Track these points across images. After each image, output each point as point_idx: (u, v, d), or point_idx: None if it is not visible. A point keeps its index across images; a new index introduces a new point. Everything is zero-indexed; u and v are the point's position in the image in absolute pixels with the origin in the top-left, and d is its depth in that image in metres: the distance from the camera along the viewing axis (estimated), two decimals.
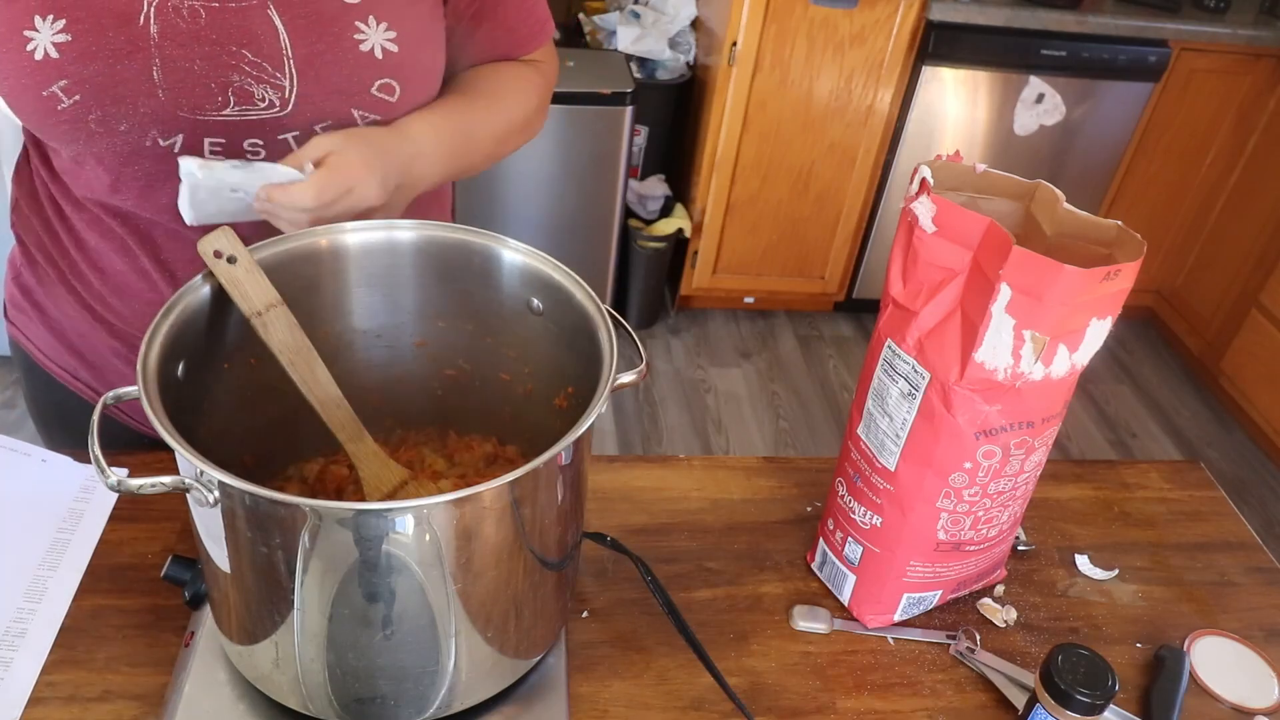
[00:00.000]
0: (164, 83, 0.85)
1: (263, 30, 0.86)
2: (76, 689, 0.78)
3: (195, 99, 0.86)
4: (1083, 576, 1.00)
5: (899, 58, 2.66)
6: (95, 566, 0.88)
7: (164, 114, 0.86)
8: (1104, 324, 0.75)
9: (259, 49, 0.86)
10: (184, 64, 0.85)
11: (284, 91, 0.88)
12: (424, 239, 0.83)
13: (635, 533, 0.98)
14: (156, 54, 0.84)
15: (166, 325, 0.69)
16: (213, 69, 0.86)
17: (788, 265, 3.03)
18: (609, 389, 0.69)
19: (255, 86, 0.87)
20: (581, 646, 0.86)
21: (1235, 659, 0.93)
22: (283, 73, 0.87)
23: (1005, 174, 0.83)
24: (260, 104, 0.88)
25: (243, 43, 0.86)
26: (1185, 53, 2.76)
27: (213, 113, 0.87)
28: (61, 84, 0.83)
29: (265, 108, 0.88)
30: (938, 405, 0.78)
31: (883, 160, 2.85)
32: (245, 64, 0.86)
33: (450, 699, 0.73)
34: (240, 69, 0.86)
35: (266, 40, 0.86)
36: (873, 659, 0.89)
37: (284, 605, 0.66)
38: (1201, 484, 1.14)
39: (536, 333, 0.83)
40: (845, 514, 0.90)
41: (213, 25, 0.85)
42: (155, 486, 0.61)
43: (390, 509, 0.62)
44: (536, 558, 0.72)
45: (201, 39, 0.85)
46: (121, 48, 0.83)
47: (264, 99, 0.87)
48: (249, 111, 0.88)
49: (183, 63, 0.85)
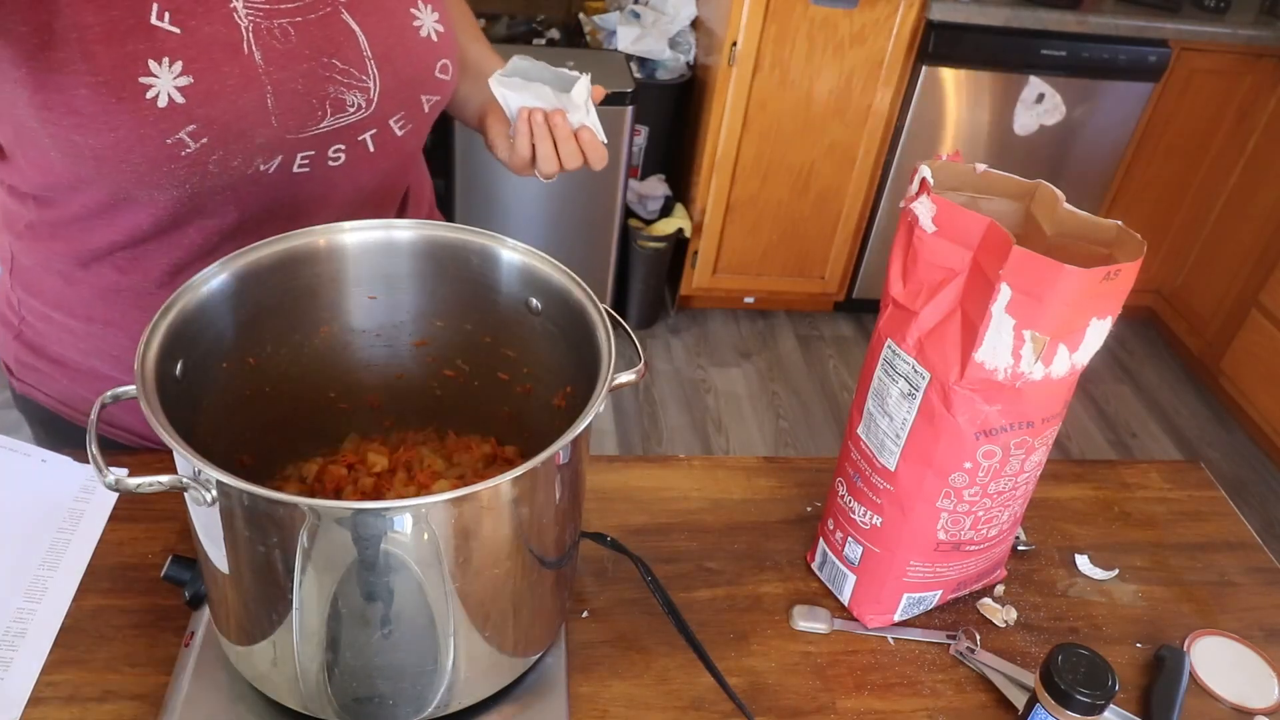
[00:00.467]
0: (276, 109, 0.84)
1: (344, 35, 0.86)
2: (76, 689, 0.78)
3: (300, 119, 0.85)
4: (1083, 576, 1.00)
5: (899, 58, 2.66)
6: (95, 566, 0.88)
7: (273, 140, 0.85)
8: (1104, 324, 0.75)
9: (345, 55, 0.86)
10: (290, 85, 0.84)
11: (369, 92, 0.89)
12: (423, 239, 0.83)
13: (635, 533, 0.98)
14: (267, 81, 0.83)
15: (165, 325, 0.69)
16: (312, 85, 0.85)
17: (788, 265, 3.03)
18: (607, 388, 0.69)
19: (347, 94, 0.87)
20: (581, 646, 0.86)
21: (1235, 659, 0.93)
22: (367, 74, 0.88)
23: (1005, 174, 0.83)
24: (351, 109, 0.88)
25: (332, 52, 0.86)
26: (1185, 53, 2.76)
27: (312, 129, 0.86)
28: (190, 129, 0.79)
29: (354, 112, 0.88)
30: (938, 405, 0.78)
31: (883, 160, 2.85)
32: (337, 73, 0.86)
33: (449, 698, 0.73)
34: (334, 79, 0.86)
35: (349, 45, 0.86)
36: (873, 659, 0.88)
37: (282, 605, 0.66)
38: (1201, 484, 1.14)
39: (535, 333, 0.83)
40: (845, 514, 0.90)
41: (303, 40, 0.84)
42: (153, 485, 0.61)
43: (389, 508, 0.62)
44: (535, 557, 0.72)
45: (298, 56, 0.84)
46: (238, 81, 0.81)
47: (354, 104, 0.88)
48: (341, 119, 0.88)
49: (289, 84, 0.84)
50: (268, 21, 0.82)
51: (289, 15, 0.83)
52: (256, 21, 0.82)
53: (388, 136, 0.93)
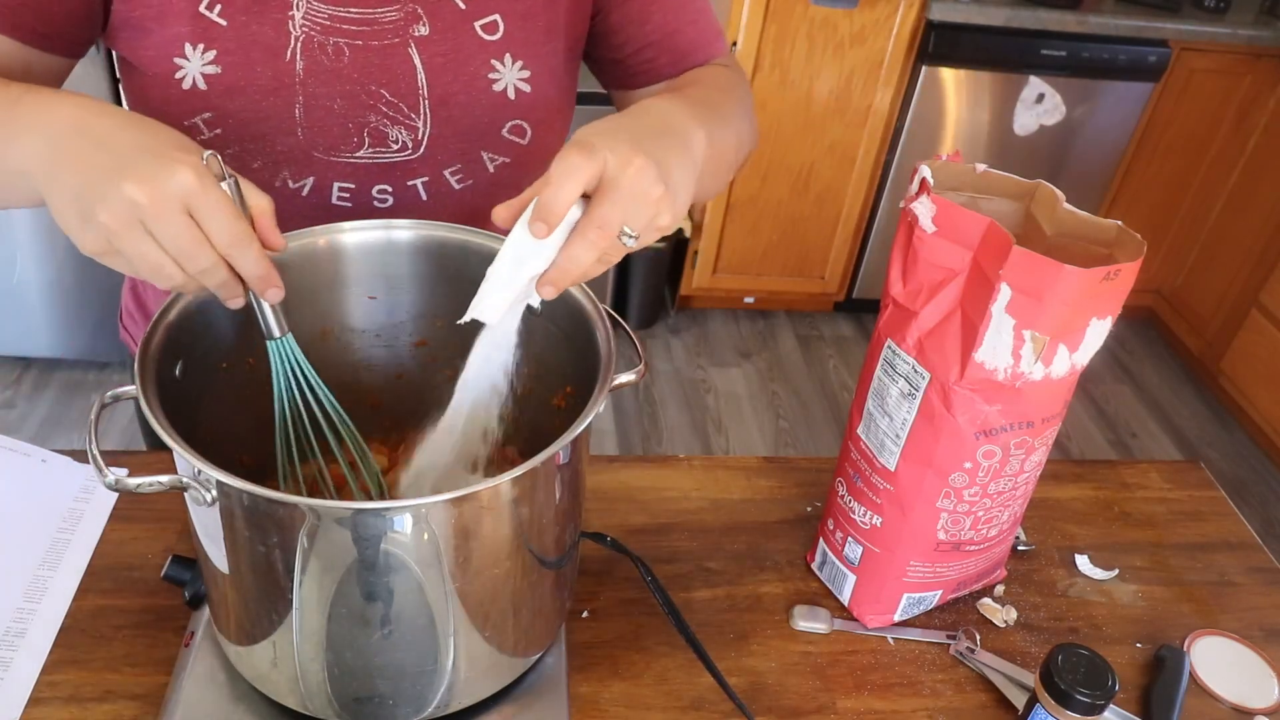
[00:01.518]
0: (304, 121, 0.83)
1: (402, 69, 0.85)
2: (76, 689, 0.78)
3: (332, 139, 0.85)
4: (1083, 576, 1.00)
5: (899, 58, 2.66)
6: (95, 566, 0.88)
7: (299, 154, 0.84)
8: (1104, 324, 0.75)
9: (397, 88, 0.85)
10: (325, 102, 0.83)
11: (417, 133, 0.86)
12: (422, 239, 0.83)
13: (635, 533, 0.98)
14: (300, 91, 0.82)
15: (165, 324, 0.69)
16: (351, 108, 0.84)
17: (788, 265, 3.03)
18: (607, 388, 0.69)
19: (390, 128, 0.85)
20: (581, 646, 0.86)
21: (1235, 659, 0.92)
22: (417, 113, 0.86)
23: (1005, 174, 0.83)
24: (394, 145, 0.86)
25: (383, 82, 0.84)
26: (1185, 53, 2.76)
27: (346, 154, 0.86)
28: (205, 116, 0.81)
29: (398, 149, 0.87)
30: (938, 405, 0.78)
31: (883, 160, 2.85)
32: (383, 104, 0.85)
33: (449, 698, 0.73)
34: (378, 109, 0.85)
35: (405, 79, 0.85)
36: (873, 659, 0.88)
37: (282, 605, 0.66)
38: (1201, 484, 1.14)
39: (535, 333, 0.83)
40: (845, 514, 0.90)
41: (355, 63, 0.83)
42: (153, 485, 0.61)
43: (388, 508, 0.62)
44: (535, 557, 0.71)
45: (343, 77, 0.83)
46: (268, 83, 0.81)
47: (398, 140, 0.86)
48: (381, 154, 0.86)
49: (324, 101, 0.83)
50: (323, 36, 0.82)
51: (349, 36, 0.83)
52: (310, 34, 0.82)
53: (443, 188, 0.90)
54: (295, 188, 0.86)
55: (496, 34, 0.87)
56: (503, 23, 0.87)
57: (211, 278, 0.60)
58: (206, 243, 0.58)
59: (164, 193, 0.56)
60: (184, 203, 0.57)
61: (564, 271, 0.64)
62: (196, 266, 0.59)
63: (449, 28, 0.85)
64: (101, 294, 2.42)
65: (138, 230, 0.57)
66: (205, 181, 0.57)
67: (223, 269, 0.60)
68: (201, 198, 0.57)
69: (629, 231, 0.63)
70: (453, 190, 0.91)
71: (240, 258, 0.60)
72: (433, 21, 0.85)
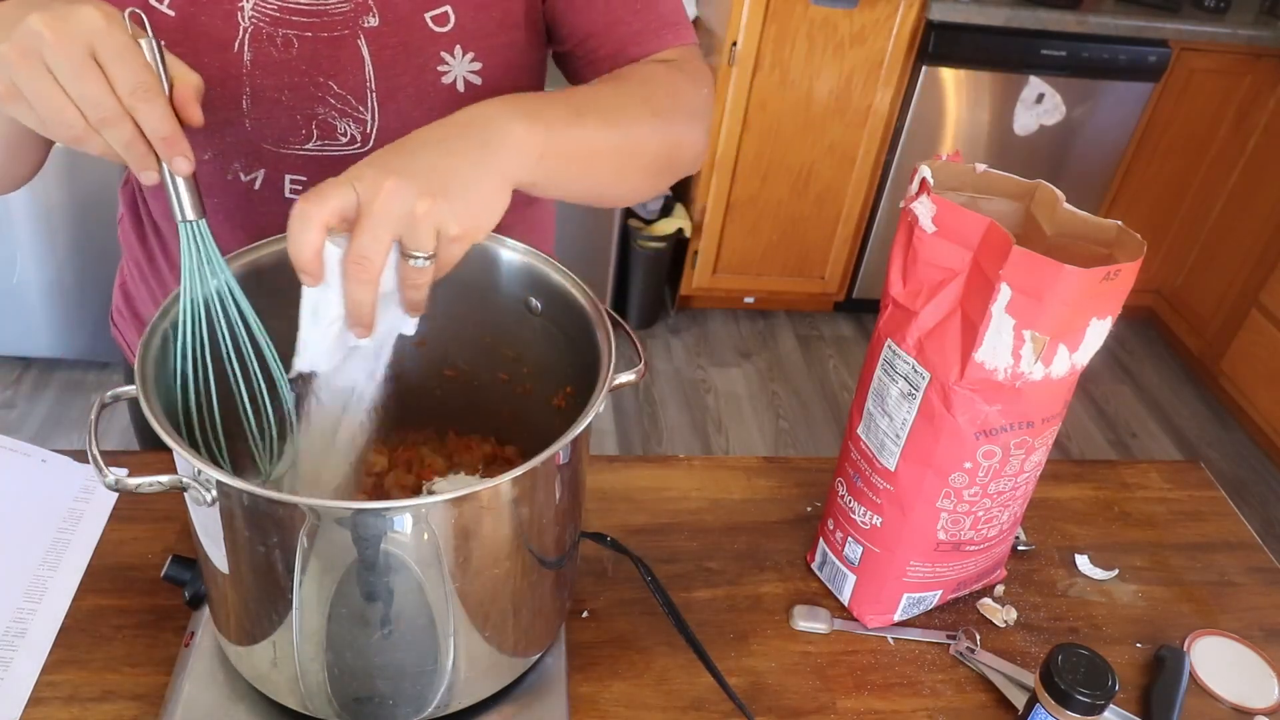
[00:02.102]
0: (251, 112, 0.83)
1: (350, 61, 0.84)
2: (76, 689, 0.78)
3: (280, 130, 0.84)
4: (1083, 576, 1.00)
5: (899, 58, 2.66)
6: (95, 566, 0.88)
7: (248, 146, 0.84)
8: (1104, 324, 0.75)
9: (344, 81, 0.84)
10: (272, 94, 0.83)
11: (365, 126, 0.86)
12: None
13: (635, 533, 0.98)
14: (247, 82, 0.82)
15: (164, 325, 0.69)
16: (299, 100, 0.84)
17: (788, 265, 3.03)
18: (607, 388, 0.69)
19: (339, 120, 0.85)
20: (581, 646, 0.86)
21: (1235, 659, 0.92)
22: (365, 106, 0.85)
23: (1005, 174, 0.83)
24: (342, 139, 0.86)
25: (331, 74, 0.84)
26: (1185, 53, 2.76)
27: (296, 146, 0.85)
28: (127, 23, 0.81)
29: (346, 143, 0.86)
30: (938, 405, 0.78)
31: (883, 160, 2.85)
32: (330, 95, 0.84)
33: (449, 698, 0.73)
34: (325, 101, 0.84)
35: (352, 71, 0.84)
36: (873, 659, 0.88)
37: (282, 605, 0.66)
38: (1201, 484, 1.14)
39: (535, 333, 0.83)
40: (845, 514, 0.90)
41: (304, 55, 0.83)
42: (153, 485, 0.61)
43: (389, 508, 0.62)
44: (535, 557, 0.72)
45: (291, 68, 0.83)
46: (214, 74, 0.81)
47: (346, 134, 0.85)
48: (330, 146, 0.86)
49: (271, 93, 0.83)
50: (271, 28, 0.82)
51: (299, 28, 0.82)
52: (259, 25, 0.81)
53: None
54: (247, 180, 0.86)
55: (447, 25, 0.85)
56: (454, 14, 0.85)
57: (115, 133, 0.58)
58: (109, 87, 0.57)
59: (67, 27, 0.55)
60: (88, 41, 0.56)
61: (354, 312, 0.62)
62: (97, 114, 0.57)
63: (399, 19, 0.84)
64: (101, 294, 2.40)
65: (38, 64, 0.56)
66: (114, 25, 0.57)
67: (127, 124, 0.58)
68: (107, 38, 0.56)
69: (414, 253, 0.61)
70: None
71: (144, 110, 0.58)
72: (383, 13, 0.83)
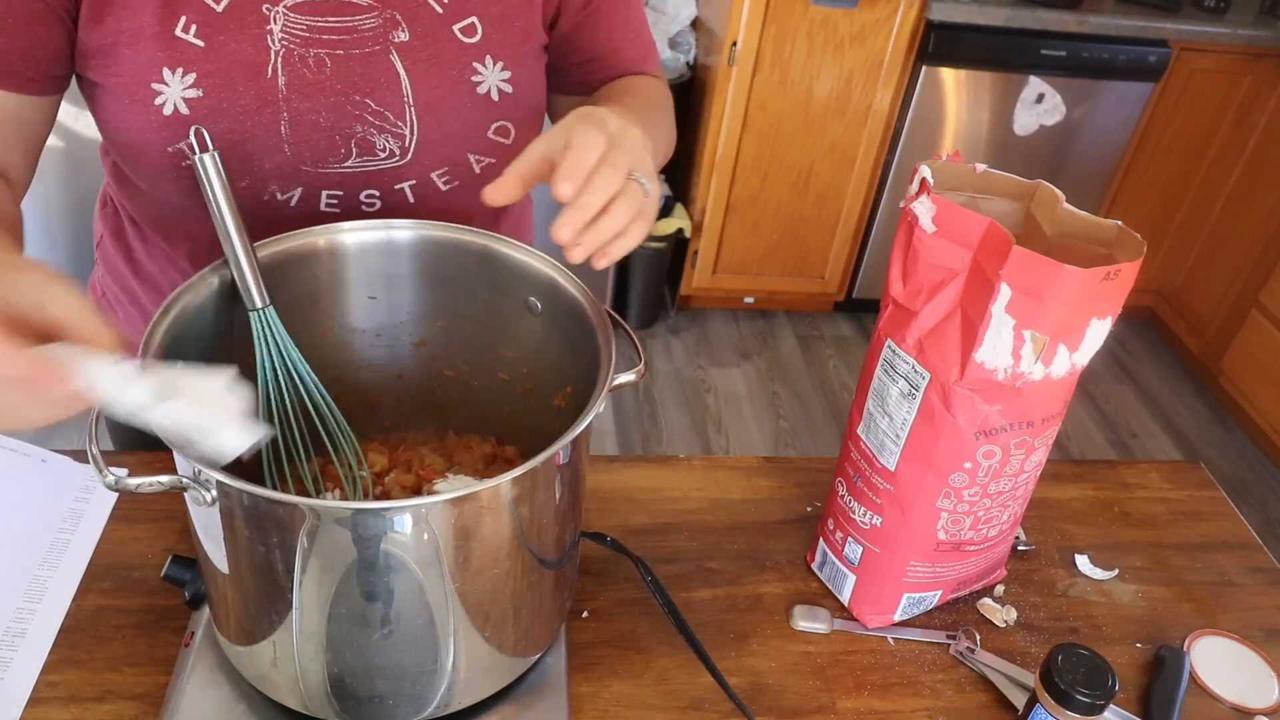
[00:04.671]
0: (289, 137, 0.83)
1: (385, 76, 0.84)
2: (76, 689, 0.78)
3: (318, 152, 0.84)
4: (1083, 576, 1.00)
5: (899, 58, 2.66)
6: (95, 566, 0.88)
7: (287, 169, 0.84)
8: (1104, 324, 0.75)
9: (382, 97, 0.85)
10: (310, 116, 0.83)
11: (405, 139, 0.86)
12: (422, 239, 0.83)
13: (635, 533, 0.98)
14: (285, 107, 0.82)
15: (165, 325, 0.69)
16: (336, 120, 0.84)
17: (788, 265, 3.03)
18: (607, 388, 0.69)
19: (377, 136, 0.85)
20: (581, 646, 0.86)
21: (1235, 659, 0.93)
22: (404, 120, 0.86)
23: (1005, 174, 0.83)
24: (381, 154, 0.86)
25: (367, 91, 0.84)
26: (1185, 53, 2.76)
27: (334, 165, 0.85)
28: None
29: (385, 157, 0.87)
30: (938, 405, 0.78)
31: (883, 160, 2.85)
32: (368, 113, 0.85)
33: (449, 698, 0.73)
34: (364, 119, 0.85)
35: (389, 87, 0.84)
36: (873, 659, 0.88)
37: (282, 605, 0.66)
38: (1201, 484, 1.14)
39: (535, 333, 0.83)
40: (845, 514, 0.90)
41: (338, 74, 0.83)
42: (153, 486, 0.61)
43: (389, 508, 0.62)
44: (535, 557, 0.72)
45: (326, 89, 0.83)
46: (250, 103, 0.81)
47: (385, 148, 0.86)
48: (369, 162, 0.86)
49: (309, 115, 0.83)
50: (303, 49, 0.82)
51: (329, 46, 0.82)
52: (290, 48, 0.81)
53: (430, 191, 0.90)
54: (283, 199, 0.86)
55: (475, 36, 0.86)
56: (480, 25, 0.86)
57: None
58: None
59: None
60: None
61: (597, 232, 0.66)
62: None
63: (428, 32, 0.85)
64: None
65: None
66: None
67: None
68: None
69: (640, 179, 0.66)
70: (439, 192, 0.91)
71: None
72: (411, 26, 0.84)
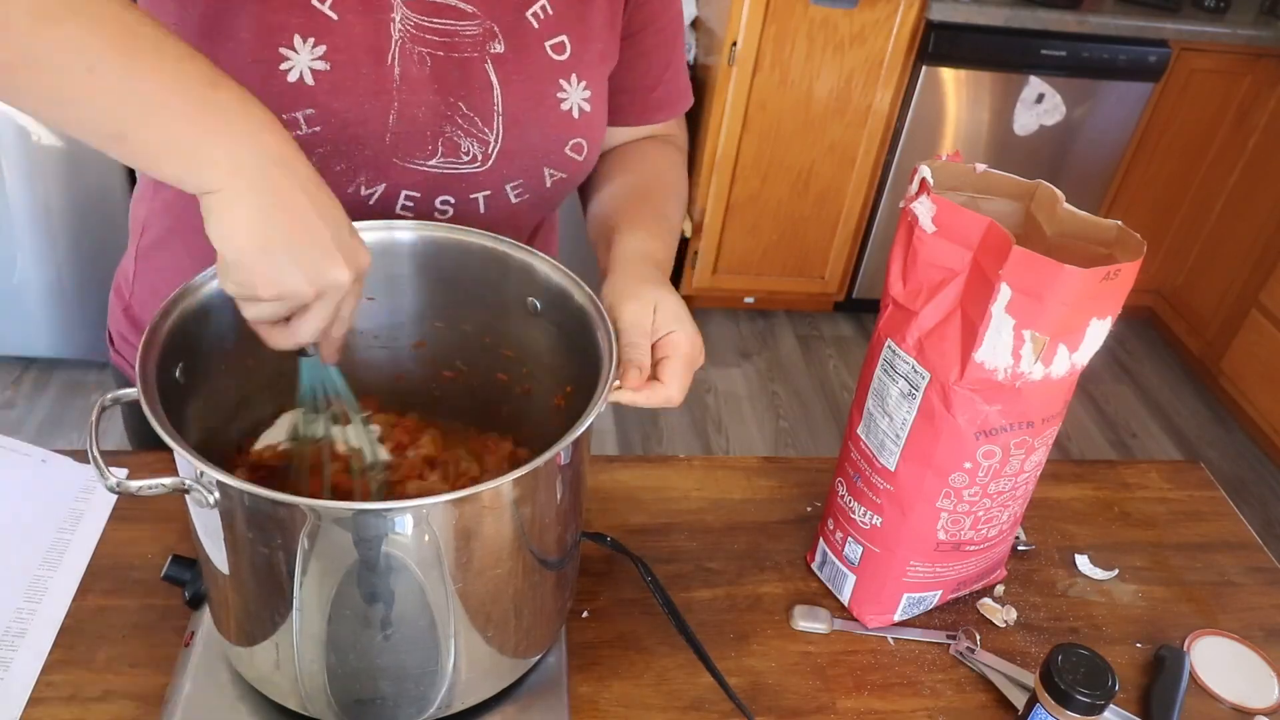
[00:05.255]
0: (394, 127, 0.83)
1: (479, 83, 0.86)
2: (76, 689, 0.78)
3: (412, 146, 0.85)
4: (1083, 576, 1.00)
5: (899, 58, 2.66)
6: (95, 566, 0.88)
7: (381, 160, 0.84)
8: (1104, 324, 0.75)
9: (474, 103, 0.86)
10: (412, 110, 0.84)
11: (489, 147, 0.87)
12: (422, 240, 0.83)
13: (635, 533, 0.98)
14: (396, 97, 0.83)
15: (165, 327, 0.69)
16: (432, 117, 0.85)
17: (788, 265, 3.03)
18: (608, 389, 0.69)
19: (463, 139, 0.86)
20: (581, 646, 0.86)
21: (1235, 659, 0.93)
22: (491, 127, 0.87)
23: (1005, 174, 0.83)
24: (464, 157, 0.87)
25: (461, 95, 0.85)
26: (1185, 53, 2.76)
27: (421, 161, 0.86)
28: (307, 112, 0.80)
29: (468, 161, 0.87)
30: (938, 405, 0.78)
31: (882, 160, 2.85)
32: (459, 115, 0.86)
33: (450, 699, 0.73)
34: (454, 120, 0.86)
35: (481, 94, 0.86)
36: (873, 659, 0.89)
37: (283, 606, 0.66)
38: (1201, 484, 1.14)
39: (535, 333, 0.83)
40: (845, 514, 0.90)
41: (437, 74, 0.84)
42: (155, 488, 0.61)
43: (389, 509, 0.62)
44: (536, 557, 0.72)
45: (428, 86, 0.84)
46: (370, 87, 0.81)
47: (469, 152, 0.87)
48: (451, 164, 0.87)
49: (412, 109, 0.84)
50: (412, 44, 0.83)
51: (431, 46, 0.83)
52: (404, 40, 0.82)
53: (502, 203, 0.91)
54: (366, 194, 0.86)
55: (564, 54, 0.89)
56: (569, 44, 0.89)
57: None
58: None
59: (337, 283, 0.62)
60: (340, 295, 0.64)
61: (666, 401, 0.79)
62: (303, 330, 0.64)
63: (523, 46, 0.87)
64: (101, 294, 2.39)
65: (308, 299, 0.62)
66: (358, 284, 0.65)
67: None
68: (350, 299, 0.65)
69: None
70: (510, 204, 0.92)
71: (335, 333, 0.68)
72: (508, 39, 0.86)
